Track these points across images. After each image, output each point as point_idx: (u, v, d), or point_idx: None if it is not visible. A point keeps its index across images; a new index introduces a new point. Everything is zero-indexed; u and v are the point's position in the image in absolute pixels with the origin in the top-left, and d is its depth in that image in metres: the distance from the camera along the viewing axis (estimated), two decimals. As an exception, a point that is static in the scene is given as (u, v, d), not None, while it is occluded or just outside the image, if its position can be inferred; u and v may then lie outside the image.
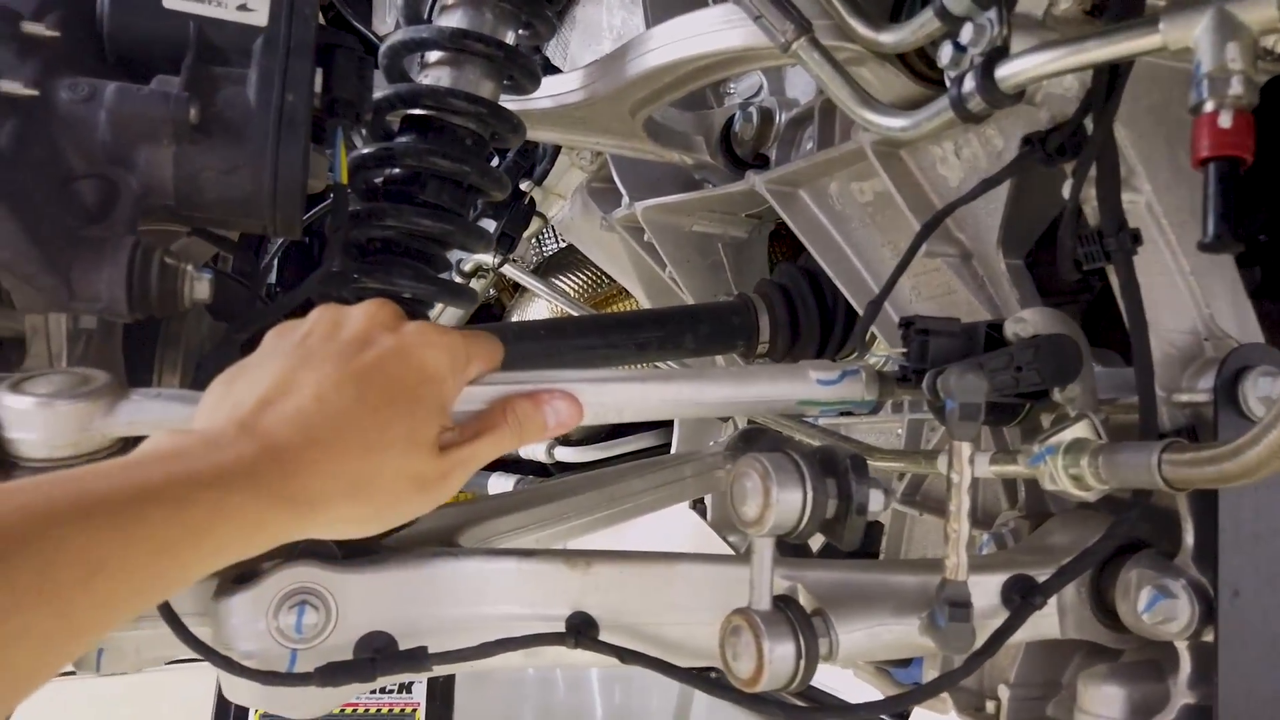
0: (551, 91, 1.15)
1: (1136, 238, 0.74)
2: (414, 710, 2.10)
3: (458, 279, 1.74)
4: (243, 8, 0.83)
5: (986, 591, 0.81)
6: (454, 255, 1.81)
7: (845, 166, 1.10)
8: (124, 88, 0.77)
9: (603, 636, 0.90)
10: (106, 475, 0.49)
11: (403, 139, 1.00)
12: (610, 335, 1.25)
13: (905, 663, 1.08)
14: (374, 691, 2.12)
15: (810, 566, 0.86)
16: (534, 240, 1.85)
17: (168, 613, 0.87)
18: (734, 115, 1.29)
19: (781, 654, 0.74)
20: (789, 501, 0.74)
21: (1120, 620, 0.81)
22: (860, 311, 1.18)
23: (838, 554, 1.11)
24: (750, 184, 1.21)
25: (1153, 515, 0.81)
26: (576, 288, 1.74)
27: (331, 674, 0.89)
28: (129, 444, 0.76)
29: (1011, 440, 0.93)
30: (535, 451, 1.76)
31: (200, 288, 0.81)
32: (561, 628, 0.90)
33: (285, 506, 0.56)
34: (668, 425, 1.71)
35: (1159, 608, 0.75)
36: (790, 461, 0.76)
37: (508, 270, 1.74)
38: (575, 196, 1.56)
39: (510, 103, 1.06)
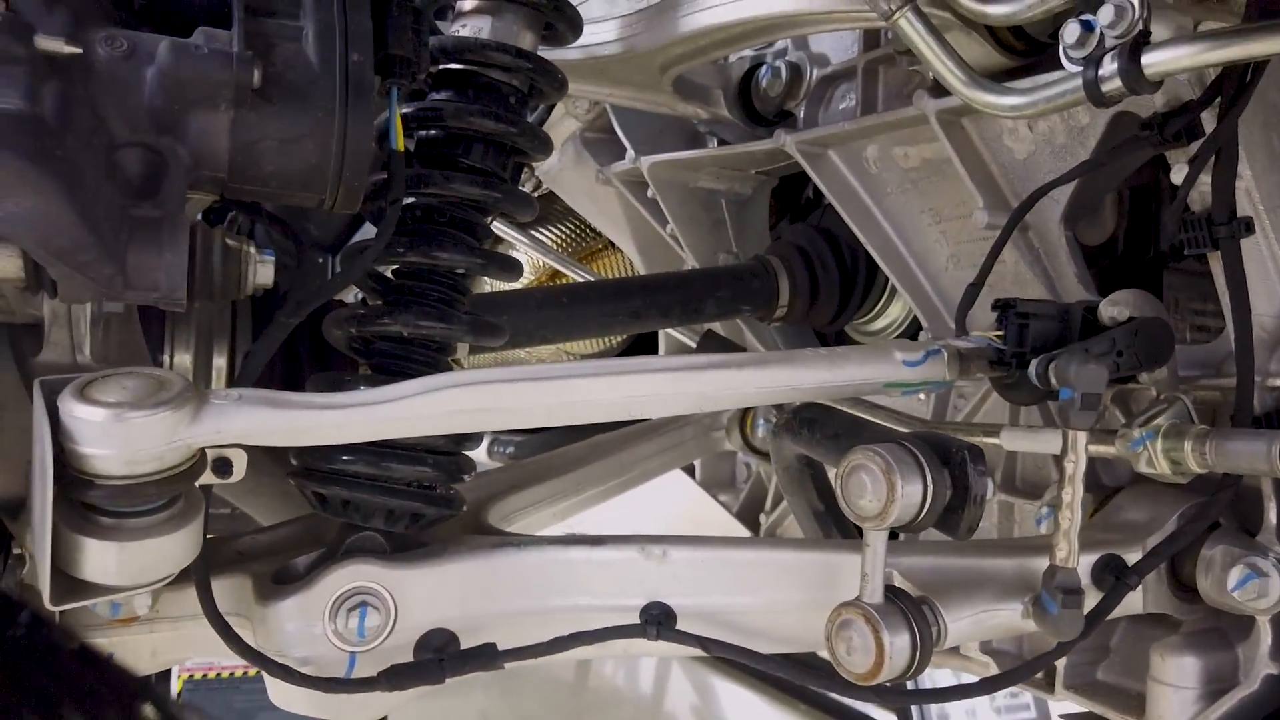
0: (583, 42, 1.07)
1: (1249, 226, 0.74)
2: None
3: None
4: (295, -50, 0.73)
5: (1079, 571, 0.82)
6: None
7: (893, 130, 1.07)
8: (177, 44, 0.67)
9: (680, 626, 0.88)
10: None
11: (442, 97, 0.91)
12: (632, 300, 1.20)
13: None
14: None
15: (903, 552, 0.85)
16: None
17: (219, 623, 0.80)
18: (756, 69, 1.23)
19: (900, 646, 0.74)
20: (911, 495, 0.73)
21: (1197, 594, 0.84)
22: (889, 274, 1.17)
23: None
24: (780, 143, 1.17)
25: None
26: (557, 240, 1.67)
27: (398, 677, 0.84)
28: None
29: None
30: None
31: (264, 272, 0.73)
32: (635, 618, 0.88)
33: None
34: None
35: (1251, 586, 0.78)
36: (908, 454, 0.74)
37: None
38: (566, 146, 1.48)
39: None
